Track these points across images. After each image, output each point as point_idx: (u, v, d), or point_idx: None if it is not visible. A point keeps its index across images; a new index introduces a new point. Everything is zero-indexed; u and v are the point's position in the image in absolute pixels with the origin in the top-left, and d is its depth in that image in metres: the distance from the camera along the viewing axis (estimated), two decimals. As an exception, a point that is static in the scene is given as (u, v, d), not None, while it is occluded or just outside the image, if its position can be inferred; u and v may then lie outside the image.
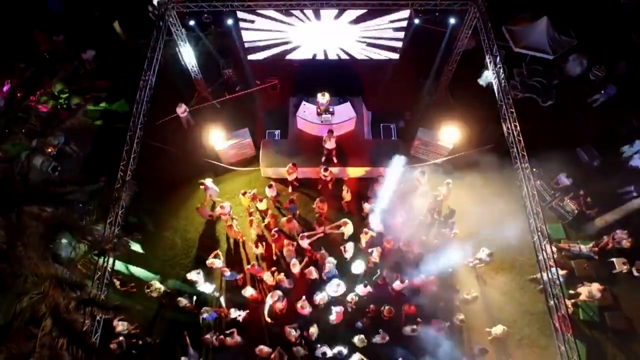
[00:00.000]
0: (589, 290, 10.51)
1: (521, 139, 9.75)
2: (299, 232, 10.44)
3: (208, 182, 11.00)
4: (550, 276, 8.35)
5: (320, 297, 9.78)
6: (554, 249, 11.03)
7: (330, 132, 10.98)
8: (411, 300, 10.09)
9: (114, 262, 7.66)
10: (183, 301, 9.99)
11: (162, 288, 10.36)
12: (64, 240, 7.18)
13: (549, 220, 11.81)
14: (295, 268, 10.10)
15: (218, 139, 11.67)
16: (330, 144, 11.08)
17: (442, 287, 10.27)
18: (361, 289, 9.98)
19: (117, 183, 8.17)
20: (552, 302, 8.22)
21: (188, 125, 13.01)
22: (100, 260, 7.64)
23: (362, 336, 9.51)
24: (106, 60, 14.31)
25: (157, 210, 11.77)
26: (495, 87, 10.45)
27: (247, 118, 13.00)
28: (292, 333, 9.40)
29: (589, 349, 10.31)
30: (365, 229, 10.33)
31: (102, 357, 8.68)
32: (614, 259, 11.24)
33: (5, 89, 12.56)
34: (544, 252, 8.54)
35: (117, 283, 10.42)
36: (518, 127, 9.88)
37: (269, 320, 9.72)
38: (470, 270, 10.93)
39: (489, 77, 11.87)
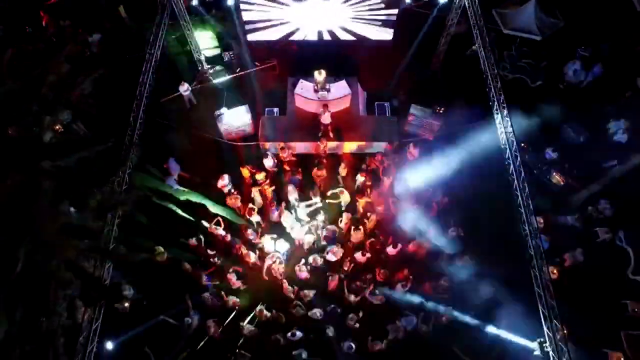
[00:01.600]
0: (573, 255, 11.05)
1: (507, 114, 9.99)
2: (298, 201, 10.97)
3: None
4: (534, 245, 8.69)
5: (313, 258, 10.27)
6: (541, 219, 11.61)
7: (325, 106, 11.51)
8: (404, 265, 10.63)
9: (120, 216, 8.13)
10: (186, 265, 10.53)
11: (166, 254, 10.88)
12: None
13: (537, 193, 12.42)
14: (293, 233, 10.62)
15: (219, 115, 12.23)
16: (325, 118, 11.60)
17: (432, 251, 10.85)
18: (359, 256, 10.50)
19: (124, 144, 8.66)
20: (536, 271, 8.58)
21: (190, 104, 13.53)
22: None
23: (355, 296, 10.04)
24: (111, 44, 14.82)
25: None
26: (483, 68, 10.81)
27: (247, 97, 13.53)
28: (290, 289, 9.92)
29: (572, 314, 10.82)
30: (362, 196, 10.86)
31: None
32: (597, 229, 11.77)
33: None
34: (528, 224, 8.90)
35: (125, 249, 10.93)
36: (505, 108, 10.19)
37: (266, 278, 10.24)
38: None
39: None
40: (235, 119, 12.54)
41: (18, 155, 7.39)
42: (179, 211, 11.91)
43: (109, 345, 8.77)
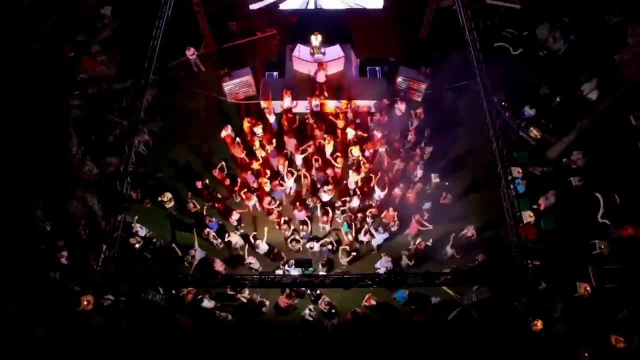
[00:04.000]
0: (546, 197, 12.12)
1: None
2: (296, 149, 12.04)
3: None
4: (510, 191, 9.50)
5: (310, 198, 11.33)
6: (519, 169, 12.72)
7: (320, 64, 12.62)
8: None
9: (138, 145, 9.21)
10: (191, 205, 11.60)
11: (173, 201, 11.94)
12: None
13: (516, 147, 13.54)
14: (290, 178, 11.69)
15: (224, 75, 13.35)
16: (320, 77, 12.71)
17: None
18: (355, 202, 11.57)
19: (141, 81, 9.73)
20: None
21: (197, 68, 14.61)
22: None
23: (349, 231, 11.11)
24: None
25: (168, 138, 13.33)
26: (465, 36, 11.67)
27: (249, 64, 14.61)
28: (286, 227, 10.98)
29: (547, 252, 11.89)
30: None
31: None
32: (571, 178, 12.83)
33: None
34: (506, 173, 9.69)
35: (134, 195, 12.00)
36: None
37: (267, 217, 11.31)
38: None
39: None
40: (239, 80, 13.64)
41: (52, 84, 8.51)
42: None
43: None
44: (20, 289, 11.01)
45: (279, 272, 10.31)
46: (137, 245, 11.22)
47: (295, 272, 8.03)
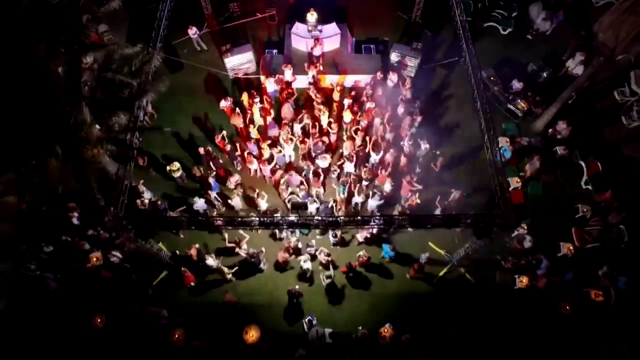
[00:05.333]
0: (532, 164, 12.76)
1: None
2: (294, 120, 12.71)
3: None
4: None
5: (306, 164, 11.98)
6: (507, 139, 13.36)
7: (317, 39, 13.30)
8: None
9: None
10: (196, 169, 12.26)
11: (181, 170, 12.57)
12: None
13: (505, 119, 14.18)
14: (289, 144, 12.34)
15: (226, 51, 14.02)
16: (317, 50, 13.39)
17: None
18: (350, 167, 12.22)
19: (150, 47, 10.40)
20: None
21: (199, 47, 15.28)
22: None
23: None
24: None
25: (171, 109, 14.04)
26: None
27: (249, 42, 15.26)
28: (284, 187, 11.63)
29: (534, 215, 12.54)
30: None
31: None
32: (557, 148, 13.46)
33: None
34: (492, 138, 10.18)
35: (141, 161, 12.65)
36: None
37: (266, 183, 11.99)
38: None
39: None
40: (240, 56, 14.31)
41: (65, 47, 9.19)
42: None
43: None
44: (37, 248, 11.73)
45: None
46: (142, 207, 11.85)
47: (292, 216, 8.63)
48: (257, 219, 8.46)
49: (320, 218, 8.71)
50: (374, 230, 11.57)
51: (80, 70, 9.27)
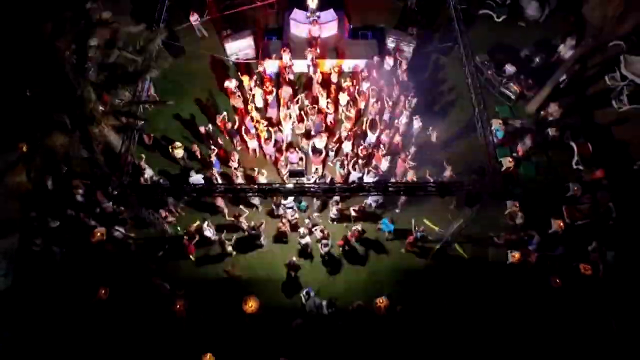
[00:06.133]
0: (523, 143, 13.13)
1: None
2: (291, 99, 13.08)
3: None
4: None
5: (304, 142, 12.36)
6: (499, 121, 13.72)
7: (315, 21, 13.71)
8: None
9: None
10: (195, 147, 12.61)
11: (183, 150, 12.91)
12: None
13: (499, 102, 14.56)
14: (287, 122, 12.72)
15: (227, 36, 14.41)
16: (315, 31, 13.80)
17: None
18: (348, 146, 12.59)
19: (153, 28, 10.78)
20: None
21: (200, 33, 15.66)
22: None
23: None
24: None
25: (173, 93, 14.37)
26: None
27: (250, 29, 15.65)
28: (283, 163, 12.02)
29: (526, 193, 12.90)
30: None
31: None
32: (548, 129, 13.82)
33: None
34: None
35: (146, 139, 13.02)
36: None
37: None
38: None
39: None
40: (240, 42, 14.68)
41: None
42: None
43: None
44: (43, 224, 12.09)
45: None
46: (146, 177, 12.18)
47: (290, 184, 8.95)
48: (256, 186, 8.79)
49: (317, 185, 9.03)
50: (370, 201, 11.91)
51: (87, 47, 9.65)
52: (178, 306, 10.87)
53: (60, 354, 10.71)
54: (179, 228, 12.04)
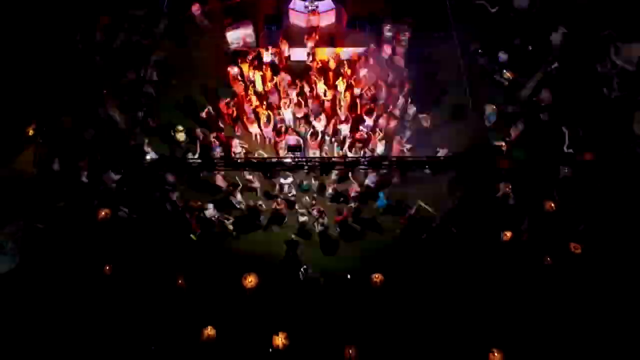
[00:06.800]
0: (515, 127, 13.52)
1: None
2: (290, 84, 13.50)
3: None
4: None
5: (303, 125, 12.78)
6: (494, 107, 14.12)
7: (314, 11, 14.13)
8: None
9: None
10: (198, 131, 13.00)
11: (184, 134, 13.29)
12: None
13: (492, 89, 14.94)
14: (285, 109, 13.12)
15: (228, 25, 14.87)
16: (314, 20, 14.22)
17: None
18: (345, 129, 13.00)
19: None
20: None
21: (202, 23, 16.09)
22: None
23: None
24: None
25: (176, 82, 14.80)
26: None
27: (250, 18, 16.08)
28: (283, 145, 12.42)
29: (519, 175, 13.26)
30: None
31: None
32: (540, 114, 14.22)
33: None
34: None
35: (150, 123, 13.40)
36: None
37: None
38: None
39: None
40: (241, 31, 15.12)
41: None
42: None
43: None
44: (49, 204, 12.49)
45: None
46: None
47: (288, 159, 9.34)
48: (255, 160, 9.17)
49: (314, 159, 9.40)
50: (369, 182, 12.31)
51: (95, 30, 10.07)
52: (180, 281, 11.28)
53: (65, 326, 11.06)
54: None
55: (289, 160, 9.22)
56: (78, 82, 10.07)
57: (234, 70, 13.70)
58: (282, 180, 11.85)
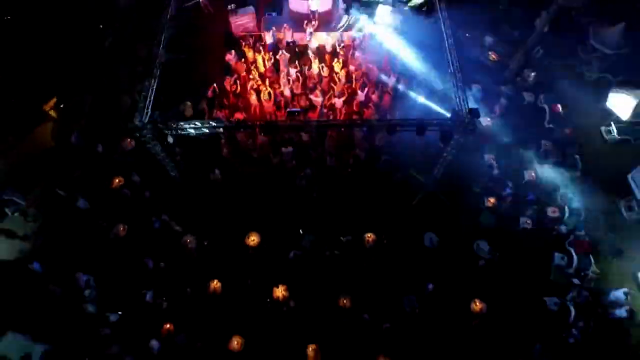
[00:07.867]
0: (500, 103, 14.55)
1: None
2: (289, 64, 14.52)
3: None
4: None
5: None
6: (479, 86, 15.11)
7: (312, -2, 15.22)
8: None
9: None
10: (204, 105, 14.00)
11: (192, 110, 14.29)
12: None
13: (477, 70, 15.91)
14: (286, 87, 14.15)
15: (231, 10, 15.87)
16: (314, 4, 15.25)
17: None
18: (339, 103, 14.01)
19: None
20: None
21: (207, 9, 17.13)
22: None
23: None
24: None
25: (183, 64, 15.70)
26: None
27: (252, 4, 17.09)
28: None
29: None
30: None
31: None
32: (524, 93, 15.25)
33: None
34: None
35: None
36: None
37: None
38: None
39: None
40: (243, 17, 16.14)
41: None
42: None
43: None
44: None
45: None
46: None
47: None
48: (257, 123, 10.16)
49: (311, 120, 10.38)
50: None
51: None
52: (188, 241, 12.29)
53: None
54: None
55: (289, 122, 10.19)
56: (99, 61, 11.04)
57: (232, 55, 14.70)
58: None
